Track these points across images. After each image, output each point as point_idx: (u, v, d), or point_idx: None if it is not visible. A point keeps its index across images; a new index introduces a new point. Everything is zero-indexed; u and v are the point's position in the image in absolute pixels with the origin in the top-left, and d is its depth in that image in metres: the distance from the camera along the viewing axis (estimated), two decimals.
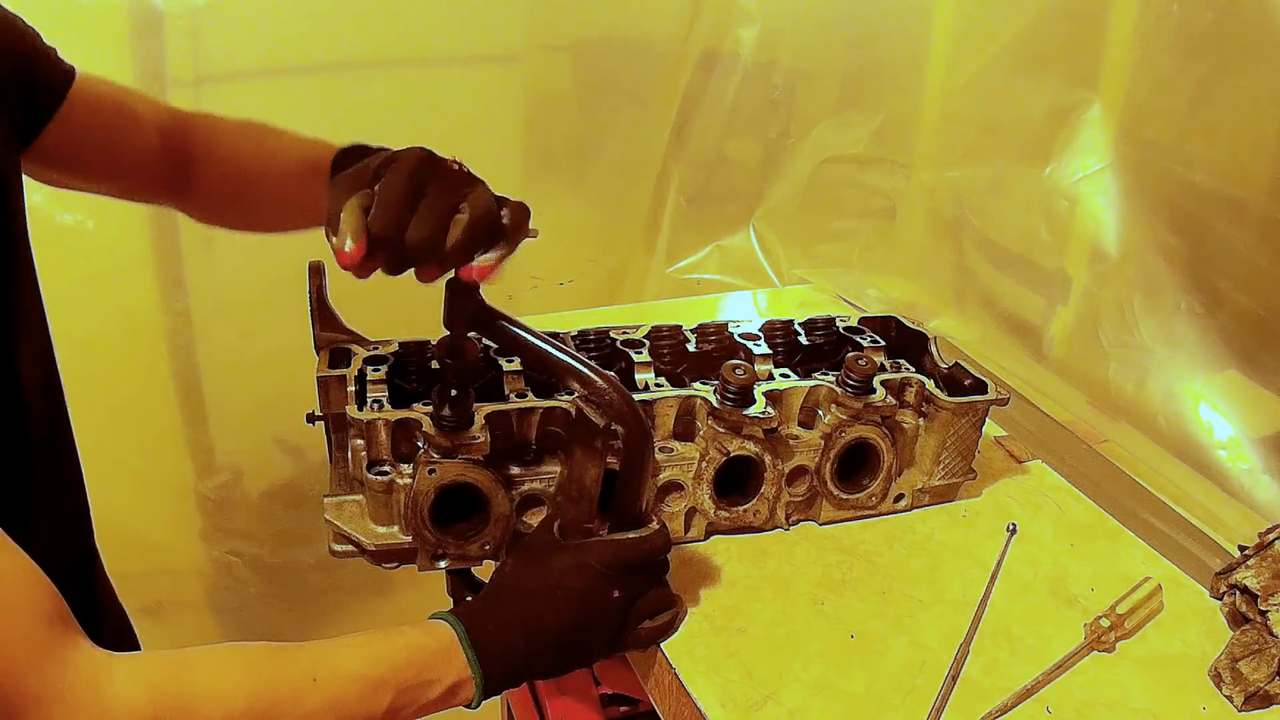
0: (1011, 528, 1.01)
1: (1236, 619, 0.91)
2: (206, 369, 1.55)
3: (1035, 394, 1.34)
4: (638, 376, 0.98)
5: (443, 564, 0.89)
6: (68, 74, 0.79)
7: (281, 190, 0.90)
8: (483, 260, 0.71)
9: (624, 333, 1.04)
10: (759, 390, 0.93)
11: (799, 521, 1.02)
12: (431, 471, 0.83)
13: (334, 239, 0.66)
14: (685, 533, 0.97)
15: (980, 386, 1.02)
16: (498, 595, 0.76)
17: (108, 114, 0.84)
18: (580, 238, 1.84)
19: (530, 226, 0.74)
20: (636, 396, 0.91)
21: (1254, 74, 1.11)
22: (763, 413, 0.92)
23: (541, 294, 1.76)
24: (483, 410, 0.85)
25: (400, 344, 0.96)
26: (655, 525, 0.81)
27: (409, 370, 0.95)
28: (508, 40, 1.60)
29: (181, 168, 0.90)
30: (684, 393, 0.94)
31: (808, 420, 0.99)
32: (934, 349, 1.07)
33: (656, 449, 0.90)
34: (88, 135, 0.81)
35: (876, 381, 0.97)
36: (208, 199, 0.92)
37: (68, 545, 0.80)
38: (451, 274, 0.74)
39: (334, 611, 1.79)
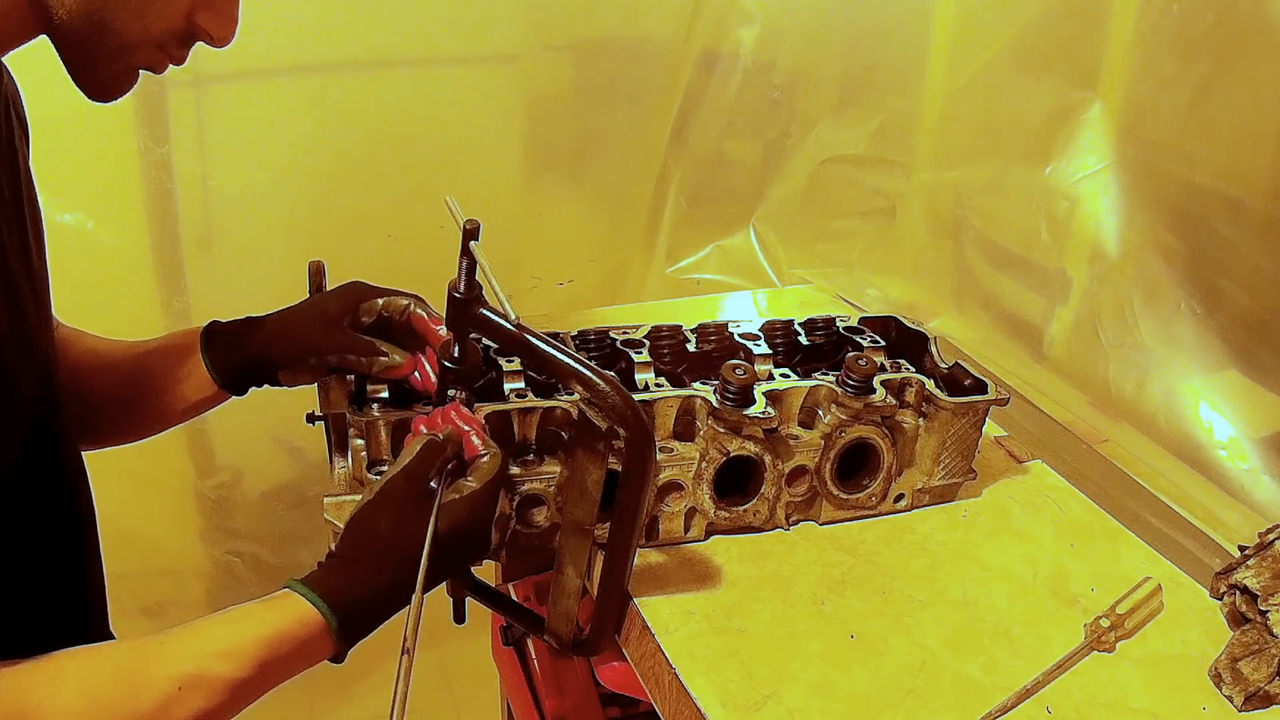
0: None
1: (1236, 619, 0.91)
2: None
3: (1035, 394, 1.34)
4: (638, 376, 0.98)
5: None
6: None
7: (151, 363, 0.89)
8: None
9: (624, 333, 1.04)
10: (759, 390, 0.93)
11: (799, 521, 1.02)
12: None
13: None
14: (685, 533, 0.97)
15: (980, 386, 1.02)
16: (361, 560, 0.70)
17: None
18: (580, 238, 1.84)
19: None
20: (636, 396, 0.91)
21: (1254, 74, 1.11)
22: (763, 413, 0.92)
23: (541, 294, 1.76)
24: (483, 410, 0.85)
25: None
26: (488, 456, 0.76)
27: None
28: (508, 40, 1.60)
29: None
30: (684, 393, 0.94)
31: (808, 420, 0.99)
32: (934, 349, 1.07)
33: (657, 450, 0.90)
34: None
35: (876, 381, 0.97)
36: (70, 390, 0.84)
37: (64, 542, 0.80)
38: (453, 277, 0.76)
39: None
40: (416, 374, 0.87)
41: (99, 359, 0.89)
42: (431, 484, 0.72)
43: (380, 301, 0.84)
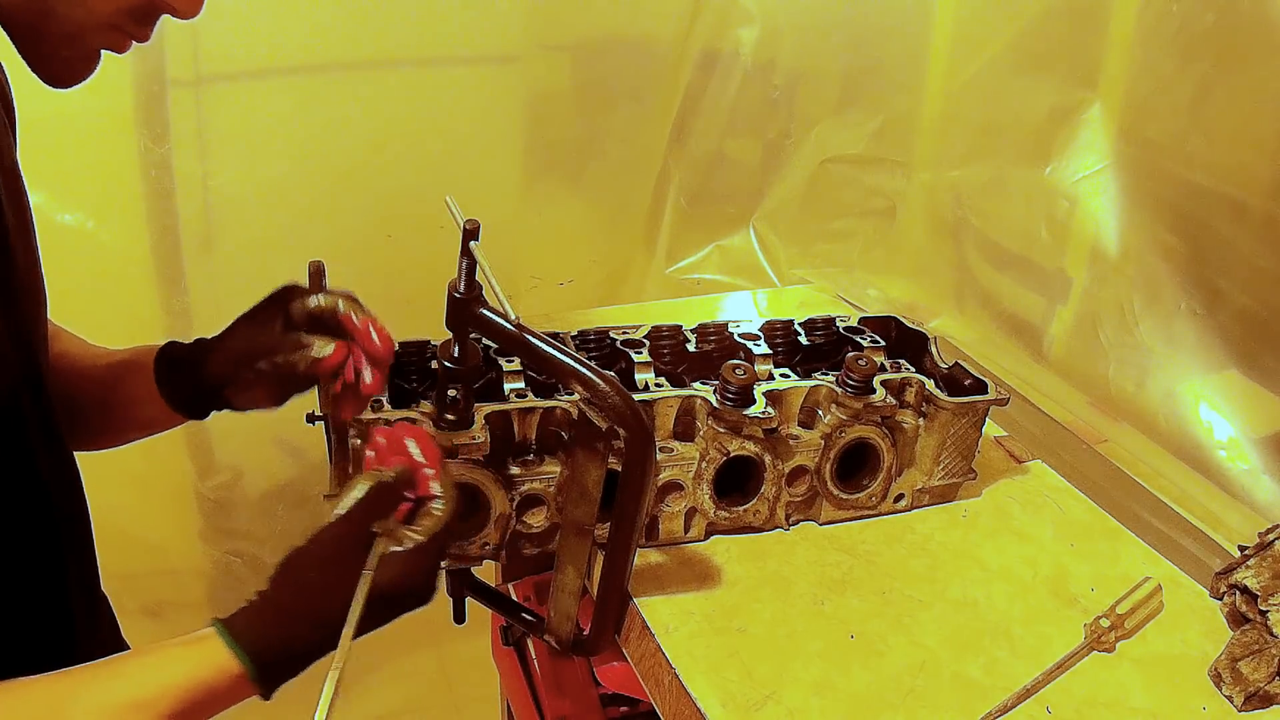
0: None
1: (1236, 619, 0.91)
2: None
3: (1035, 394, 1.34)
4: (638, 376, 0.98)
5: (443, 564, 0.89)
6: None
7: (110, 377, 0.86)
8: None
9: (624, 333, 1.04)
10: (759, 390, 0.93)
11: (799, 521, 1.02)
12: None
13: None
14: (685, 533, 0.97)
15: (980, 386, 1.02)
16: (289, 607, 0.66)
17: None
18: (580, 238, 1.84)
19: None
20: (636, 396, 0.91)
21: (1254, 74, 1.11)
22: (763, 413, 0.92)
23: (541, 294, 1.76)
24: (483, 410, 0.85)
25: (400, 344, 0.96)
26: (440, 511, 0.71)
27: (409, 370, 0.95)
28: (508, 40, 1.60)
29: None
30: (684, 393, 0.94)
31: (808, 420, 0.99)
32: (934, 349, 1.07)
33: (657, 449, 0.90)
34: None
35: (876, 381, 0.97)
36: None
37: (40, 543, 0.77)
38: (453, 277, 0.75)
39: None
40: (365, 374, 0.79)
41: (68, 363, 0.87)
42: (374, 529, 0.67)
43: (311, 300, 0.79)
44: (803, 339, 1.09)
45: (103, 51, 0.68)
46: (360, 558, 0.66)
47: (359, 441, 0.86)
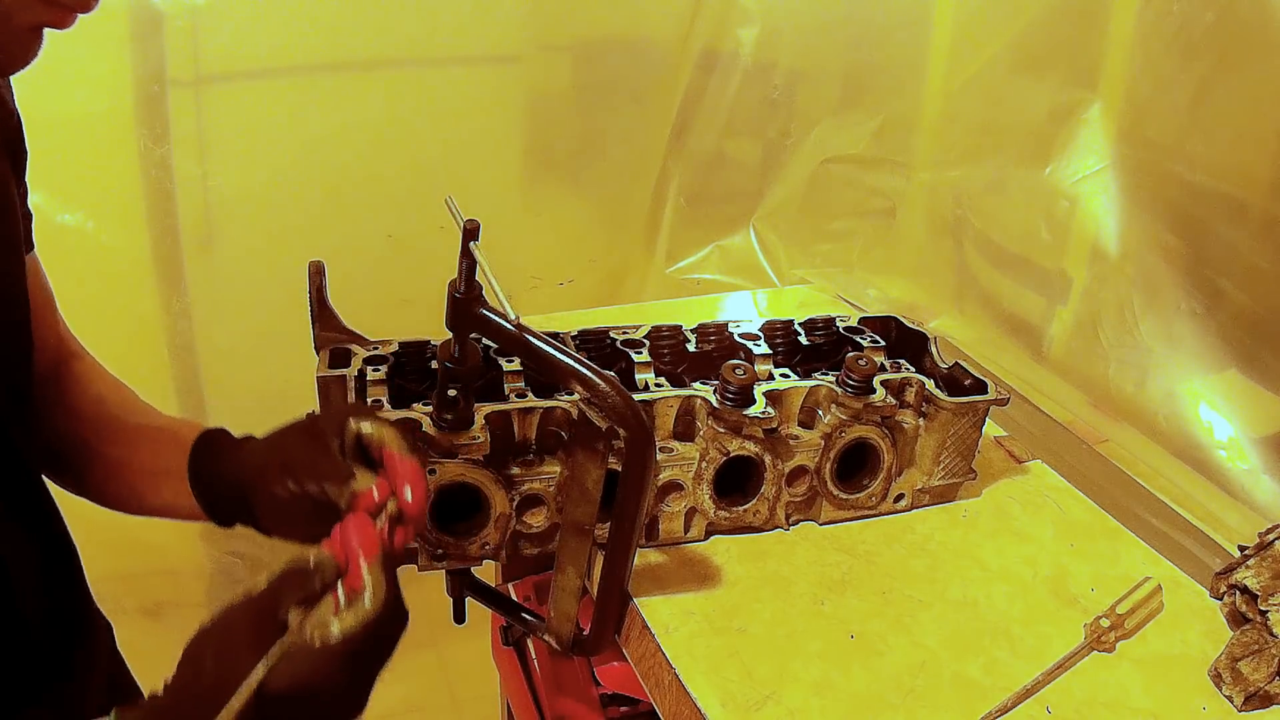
0: None
1: (1236, 619, 0.91)
2: (206, 369, 1.55)
3: (1035, 394, 1.34)
4: (638, 376, 0.98)
5: (442, 564, 0.89)
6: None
7: (138, 439, 0.82)
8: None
9: (624, 333, 1.04)
10: (759, 390, 0.93)
11: (799, 521, 1.02)
12: (431, 471, 0.83)
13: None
14: (685, 533, 0.97)
15: (980, 386, 1.02)
16: (182, 703, 0.57)
17: (35, 290, 0.77)
18: (580, 238, 1.85)
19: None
20: (636, 396, 0.91)
21: (1254, 74, 1.11)
22: (763, 413, 0.92)
23: (541, 294, 1.76)
24: (483, 410, 0.85)
25: (400, 344, 0.96)
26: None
27: (409, 370, 0.95)
28: (508, 40, 1.61)
29: (50, 379, 0.81)
30: (684, 393, 0.94)
31: (808, 420, 0.99)
32: (934, 349, 1.07)
33: (657, 449, 0.90)
34: None
35: (876, 381, 0.97)
36: (60, 427, 0.81)
37: (31, 545, 0.74)
38: (453, 278, 0.75)
39: None
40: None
41: (100, 408, 0.84)
42: (288, 618, 0.57)
43: (365, 425, 0.70)
44: (803, 339, 1.09)
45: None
46: (262, 648, 0.56)
47: None
